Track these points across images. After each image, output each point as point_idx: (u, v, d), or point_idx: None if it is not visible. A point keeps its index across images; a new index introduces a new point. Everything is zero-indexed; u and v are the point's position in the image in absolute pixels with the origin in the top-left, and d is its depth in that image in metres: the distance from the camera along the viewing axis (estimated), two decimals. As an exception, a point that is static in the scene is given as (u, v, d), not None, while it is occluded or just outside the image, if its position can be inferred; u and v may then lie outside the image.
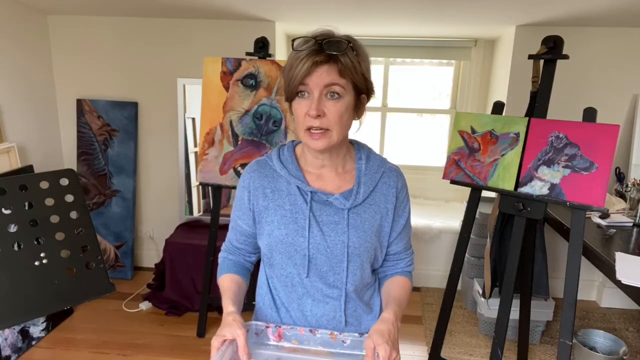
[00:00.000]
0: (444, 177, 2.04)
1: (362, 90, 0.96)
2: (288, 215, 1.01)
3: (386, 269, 1.12)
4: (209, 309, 2.62)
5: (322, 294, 1.03)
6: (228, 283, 1.06)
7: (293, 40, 0.93)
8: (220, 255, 1.16)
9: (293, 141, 1.09)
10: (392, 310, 0.97)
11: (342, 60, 0.89)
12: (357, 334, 0.96)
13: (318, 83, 0.90)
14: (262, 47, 2.40)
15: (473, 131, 1.97)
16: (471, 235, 2.35)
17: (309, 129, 0.93)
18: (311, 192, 1.01)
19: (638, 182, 2.40)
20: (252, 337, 0.98)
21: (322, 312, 1.04)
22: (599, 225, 2.21)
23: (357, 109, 0.98)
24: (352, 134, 1.02)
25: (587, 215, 2.14)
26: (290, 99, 0.95)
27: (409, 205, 1.10)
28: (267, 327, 0.99)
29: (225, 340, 0.89)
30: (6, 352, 2.25)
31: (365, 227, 1.01)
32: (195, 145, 3.28)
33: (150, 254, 3.43)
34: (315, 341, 0.96)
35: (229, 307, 0.97)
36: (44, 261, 1.40)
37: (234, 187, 2.29)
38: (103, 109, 3.17)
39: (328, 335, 0.96)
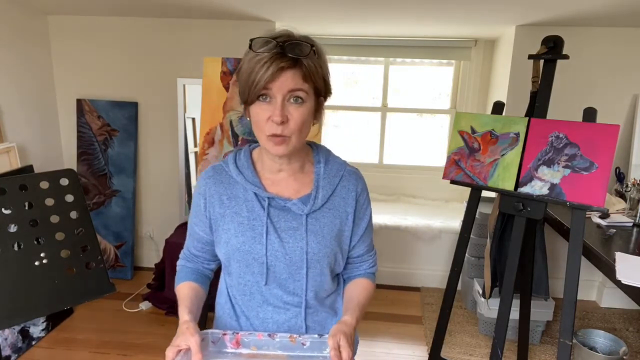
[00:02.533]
0: (444, 177, 2.04)
1: (321, 93, 0.94)
2: (245, 223, 0.98)
3: (349, 271, 1.10)
4: (208, 309, 2.61)
5: (282, 301, 1.01)
6: (185, 291, 1.04)
7: (251, 41, 0.89)
8: (178, 263, 1.12)
9: (250, 145, 1.06)
10: (354, 315, 0.95)
11: (305, 64, 0.87)
12: (316, 335, 0.93)
13: (282, 88, 0.87)
14: (262, 47, 2.40)
15: (473, 131, 1.97)
16: (471, 235, 2.35)
17: (272, 135, 0.90)
18: (268, 198, 0.98)
19: (638, 182, 2.40)
20: (209, 346, 0.93)
21: (283, 320, 1.02)
22: (599, 225, 2.21)
23: (316, 112, 0.96)
24: (313, 137, 1.02)
25: (587, 215, 2.14)
26: (249, 102, 0.91)
27: (370, 208, 1.07)
28: (224, 334, 0.94)
29: (180, 350, 0.86)
30: (6, 352, 2.25)
31: (325, 232, 0.98)
32: (195, 145, 3.28)
33: (150, 254, 3.43)
34: (275, 345, 0.92)
35: (184, 315, 0.95)
36: (44, 261, 1.40)
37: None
38: (103, 109, 3.17)
39: (287, 338, 0.92)
